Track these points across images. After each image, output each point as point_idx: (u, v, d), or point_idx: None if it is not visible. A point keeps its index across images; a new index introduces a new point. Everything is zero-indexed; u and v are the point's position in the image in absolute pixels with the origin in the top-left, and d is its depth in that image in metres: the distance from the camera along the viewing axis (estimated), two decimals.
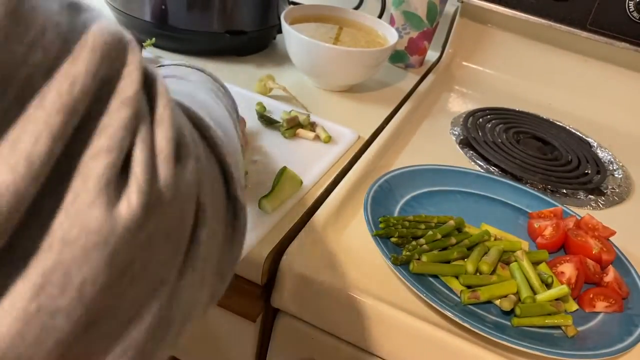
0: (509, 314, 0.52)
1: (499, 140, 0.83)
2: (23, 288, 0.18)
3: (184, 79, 0.37)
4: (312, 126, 0.73)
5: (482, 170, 0.75)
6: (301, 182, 0.62)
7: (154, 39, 0.82)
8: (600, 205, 0.74)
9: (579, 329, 0.52)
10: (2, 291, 0.18)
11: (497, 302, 0.53)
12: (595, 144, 0.90)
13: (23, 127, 0.18)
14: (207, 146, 0.26)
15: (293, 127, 0.72)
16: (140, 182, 0.20)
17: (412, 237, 0.57)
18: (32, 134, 0.18)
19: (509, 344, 0.48)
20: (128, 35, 0.23)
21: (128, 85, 0.21)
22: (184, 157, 0.23)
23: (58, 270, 0.18)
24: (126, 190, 0.20)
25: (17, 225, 0.18)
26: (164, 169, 0.21)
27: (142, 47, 0.81)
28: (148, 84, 0.23)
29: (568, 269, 0.57)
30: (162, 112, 0.22)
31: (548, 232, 0.62)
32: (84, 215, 0.18)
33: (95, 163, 0.19)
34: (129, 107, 0.20)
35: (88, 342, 0.20)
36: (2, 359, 0.18)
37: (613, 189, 0.78)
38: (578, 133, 0.92)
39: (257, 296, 0.56)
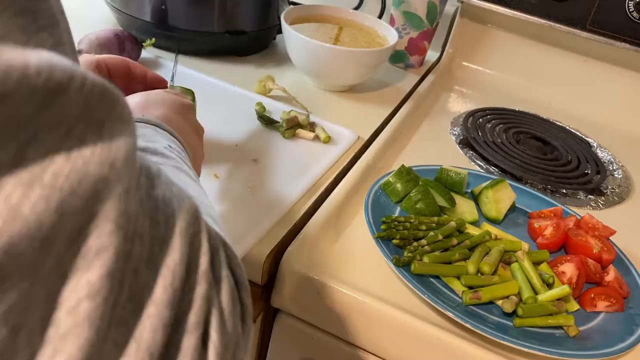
0: (511, 314, 0.52)
1: (499, 140, 0.83)
2: None
3: (155, 152, 0.37)
4: (311, 126, 0.73)
5: (482, 170, 0.75)
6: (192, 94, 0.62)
7: (154, 39, 0.82)
8: (600, 205, 0.74)
9: (581, 328, 0.52)
10: None
11: (499, 302, 0.53)
12: (595, 144, 0.90)
13: (143, 325, 0.20)
14: (227, 259, 0.29)
15: (292, 127, 0.72)
16: (217, 347, 0.23)
17: (414, 239, 0.57)
18: (150, 329, 0.20)
19: (510, 345, 0.47)
20: (192, 200, 0.25)
21: (204, 255, 0.24)
22: (235, 300, 0.26)
23: None
24: (208, 355, 0.23)
25: None
26: (229, 326, 0.25)
27: (142, 47, 0.81)
28: (212, 246, 0.25)
29: (569, 269, 0.57)
30: (222, 272, 0.25)
31: (548, 232, 0.62)
32: None
33: (189, 339, 0.22)
34: (206, 281, 0.23)
35: None
36: None
37: (613, 189, 0.78)
38: (578, 133, 0.92)
39: (257, 296, 0.55)
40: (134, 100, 0.45)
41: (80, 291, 0.18)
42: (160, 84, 0.57)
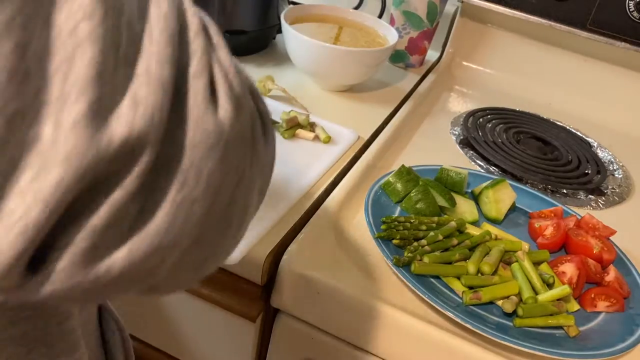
0: (511, 314, 0.52)
1: (499, 140, 0.83)
2: (171, 185, 0.22)
3: None
4: (311, 126, 0.73)
5: (482, 170, 0.75)
6: None
7: None
8: (601, 205, 0.74)
9: (581, 328, 0.52)
10: (155, 187, 0.22)
11: (499, 303, 0.52)
12: (595, 144, 0.90)
13: (149, 59, 0.22)
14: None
15: (292, 127, 0.72)
16: (226, 91, 0.25)
17: (414, 239, 0.57)
18: (157, 62, 0.22)
19: (511, 345, 0.47)
20: None
21: (193, 16, 0.25)
22: (238, 70, 0.27)
23: (192, 167, 0.23)
24: (219, 100, 0.24)
25: (161, 137, 0.22)
26: (234, 80, 0.26)
27: None
28: (200, 15, 0.27)
29: (569, 269, 0.57)
30: (217, 38, 0.27)
31: (549, 232, 0.62)
32: (201, 123, 0.23)
33: (197, 83, 0.23)
34: (201, 36, 0.25)
35: (209, 225, 0.25)
36: (160, 244, 0.22)
37: (613, 188, 0.78)
38: (578, 133, 0.92)
39: (257, 296, 0.55)
40: None
41: (75, 15, 0.19)
42: None
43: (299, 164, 0.67)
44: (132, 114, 0.20)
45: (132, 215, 0.22)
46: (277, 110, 0.76)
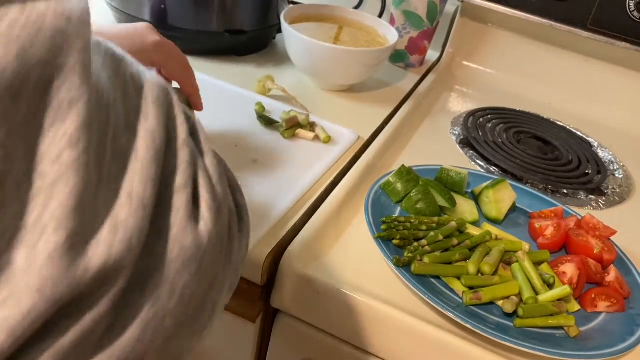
0: (511, 314, 0.52)
1: (500, 140, 0.83)
2: (143, 301, 0.22)
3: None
4: (311, 126, 0.73)
5: (482, 170, 0.75)
6: None
7: None
8: (601, 205, 0.74)
9: (581, 329, 0.52)
10: (126, 304, 0.21)
11: (500, 303, 0.52)
12: (595, 144, 0.90)
13: (131, 179, 0.22)
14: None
15: (292, 127, 0.72)
16: (209, 204, 0.25)
17: (414, 239, 0.57)
18: (139, 183, 0.22)
19: (511, 345, 0.47)
20: (162, 79, 0.26)
21: (181, 127, 0.25)
22: (222, 173, 0.27)
23: (167, 282, 0.23)
24: (201, 212, 0.24)
25: (138, 257, 0.22)
26: (218, 188, 0.26)
27: None
28: (188, 120, 0.27)
29: (570, 269, 0.57)
30: (205, 145, 0.27)
31: (549, 232, 0.62)
32: (180, 239, 0.23)
33: (179, 198, 0.24)
34: (187, 147, 0.25)
35: (176, 334, 0.24)
36: (126, 359, 0.22)
37: (614, 189, 0.78)
38: (578, 133, 0.92)
39: (257, 296, 0.55)
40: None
41: (60, 142, 0.19)
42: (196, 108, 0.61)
43: (299, 164, 0.67)
44: (111, 239, 0.20)
45: (100, 332, 0.21)
46: (277, 110, 0.76)
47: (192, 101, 0.61)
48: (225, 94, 0.79)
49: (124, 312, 0.21)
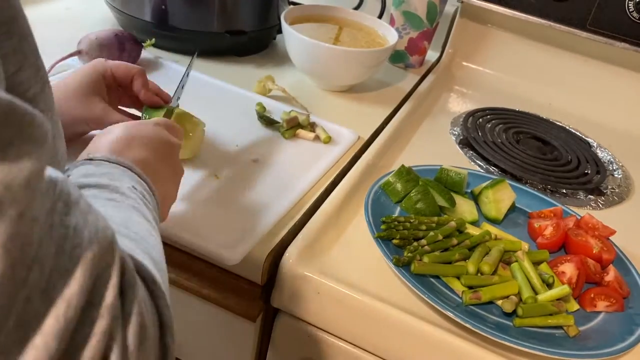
0: (511, 314, 0.52)
1: (499, 140, 0.83)
2: None
3: (116, 190, 0.38)
4: (311, 126, 0.73)
5: (481, 170, 0.75)
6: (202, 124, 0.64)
7: (154, 39, 0.82)
8: (600, 205, 0.74)
9: (581, 328, 0.52)
10: None
11: (499, 302, 0.53)
12: (595, 144, 0.90)
13: (27, 354, 0.20)
14: (151, 298, 0.29)
15: (293, 127, 0.72)
16: None
17: (414, 238, 0.57)
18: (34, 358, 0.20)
19: (510, 344, 0.47)
20: (109, 233, 0.25)
21: (110, 291, 0.23)
22: (145, 339, 0.26)
23: None
24: None
25: None
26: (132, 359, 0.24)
27: (142, 47, 0.81)
28: (123, 276, 0.25)
29: (569, 269, 0.57)
30: (133, 307, 0.25)
31: (548, 231, 0.62)
32: None
33: None
34: (110, 314, 0.23)
35: None
36: None
37: (613, 188, 0.78)
38: (578, 133, 0.92)
39: (257, 296, 0.55)
40: (118, 132, 0.44)
41: None
42: (151, 104, 0.59)
43: (299, 164, 0.67)
44: None
45: None
46: (277, 110, 0.76)
47: (143, 95, 0.59)
48: (226, 94, 0.79)
49: None
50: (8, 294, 0.19)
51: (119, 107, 0.61)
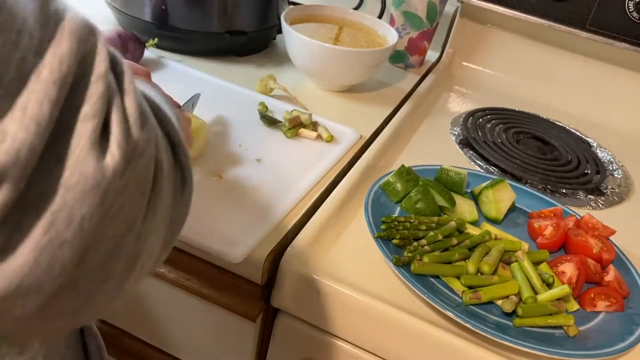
0: (511, 314, 0.52)
1: (499, 140, 0.83)
2: (37, 225, 0.22)
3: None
4: (314, 126, 0.73)
5: (481, 170, 0.75)
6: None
7: (156, 39, 0.82)
8: (600, 205, 0.74)
9: (580, 328, 0.52)
10: (20, 226, 0.22)
11: (499, 302, 0.53)
12: (595, 144, 0.90)
13: (28, 97, 0.21)
14: (157, 120, 0.31)
15: (295, 126, 0.72)
16: (118, 139, 0.24)
17: (414, 238, 0.57)
18: (36, 101, 0.22)
19: (510, 344, 0.48)
20: (91, 22, 0.26)
21: (100, 62, 0.25)
22: (146, 122, 0.27)
23: (64, 210, 0.23)
24: (109, 146, 0.24)
25: (31, 173, 0.22)
26: (134, 129, 0.25)
27: (144, 47, 0.81)
28: (114, 62, 0.27)
29: (569, 269, 0.57)
30: (128, 85, 0.26)
31: (548, 231, 0.62)
32: (80, 166, 0.23)
33: (84, 126, 0.23)
34: (103, 82, 0.24)
35: (82, 271, 0.24)
36: (21, 283, 0.22)
37: (613, 188, 0.79)
38: (578, 133, 0.92)
39: (257, 296, 0.56)
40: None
41: None
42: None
43: (302, 163, 0.67)
44: None
45: None
46: (279, 109, 0.76)
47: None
48: (228, 93, 0.79)
49: (16, 232, 0.22)
50: (5, 56, 0.21)
51: None
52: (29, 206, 0.22)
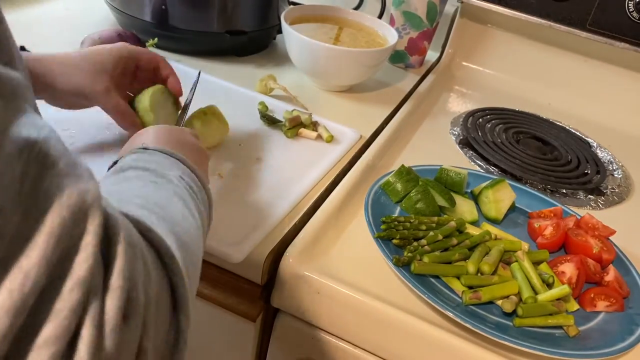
0: (511, 314, 0.52)
1: (499, 140, 0.83)
2: None
3: (162, 176, 0.38)
4: (314, 126, 0.73)
5: (481, 170, 0.75)
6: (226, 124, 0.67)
7: (156, 39, 0.82)
8: (600, 205, 0.74)
9: (580, 328, 0.52)
10: None
11: (499, 302, 0.53)
12: (595, 144, 0.90)
13: None
14: (166, 273, 0.28)
15: (295, 126, 0.72)
16: (84, 358, 0.20)
17: (414, 238, 0.57)
18: None
19: (510, 344, 0.47)
20: (93, 187, 0.22)
21: (83, 261, 0.21)
22: (132, 314, 0.23)
23: None
24: None
25: None
26: (110, 340, 0.22)
27: (144, 46, 0.81)
28: (109, 236, 0.23)
29: (569, 269, 0.57)
30: (116, 279, 0.23)
31: (548, 231, 0.62)
32: None
33: (38, 356, 0.19)
34: (81, 289, 0.21)
35: None
36: None
37: (613, 188, 0.79)
38: (578, 133, 0.92)
39: (257, 296, 0.56)
40: (160, 131, 0.47)
41: None
42: (175, 92, 0.63)
43: (302, 163, 0.67)
44: None
45: None
46: (279, 109, 0.76)
47: (171, 80, 0.62)
48: (228, 93, 0.79)
49: None
50: None
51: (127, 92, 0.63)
52: None
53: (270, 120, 0.72)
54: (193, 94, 0.66)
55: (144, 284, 0.25)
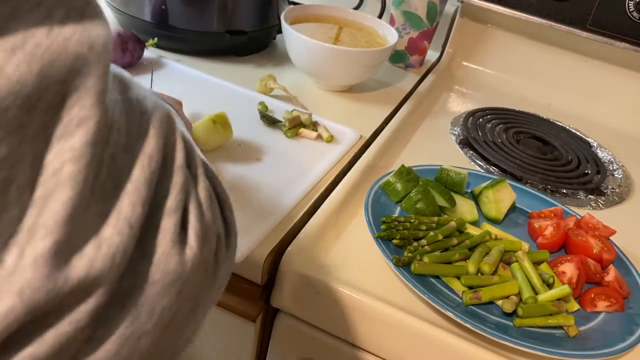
0: (511, 314, 0.52)
1: (499, 140, 0.83)
2: (122, 319, 0.22)
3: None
4: (314, 126, 0.73)
5: (481, 170, 0.75)
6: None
7: (156, 39, 0.82)
8: (600, 205, 0.74)
9: (581, 328, 0.52)
10: (105, 322, 0.22)
11: (499, 302, 0.53)
12: (595, 144, 0.90)
13: (122, 199, 0.22)
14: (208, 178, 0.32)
15: (295, 126, 0.72)
16: (196, 229, 0.25)
17: (414, 238, 0.57)
18: (129, 203, 0.22)
19: (510, 345, 0.47)
20: (167, 105, 0.27)
21: (179, 152, 0.26)
22: (212, 202, 0.28)
23: (146, 303, 0.23)
24: (188, 239, 0.25)
25: (120, 275, 0.22)
26: (207, 215, 0.27)
27: (144, 46, 0.81)
28: (187, 147, 0.28)
29: (569, 269, 0.57)
30: (198, 171, 0.28)
31: (548, 232, 0.62)
32: (164, 262, 0.24)
33: (169, 221, 0.24)
34: (182, 173, 0.26)
35: (154, 354, 0.25)
36: None
37: (613, 188, 0.78)
38: (578, 133, 0.92)
39: (257, 296, 0.55)
40: None
41: (64, 155, 0.20)
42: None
43: (302, 163, 0.67)
44: (94, 254, 0.21)
45: (76, 346, 0.21)
46: (279, 109, 0.76)
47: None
48: (228, 93, 0.79)
49: (102, 327, 0.22)
50: (103, 139, 0.21)
51: None
52: (116, 301, 0.22)
53: (270, 120, 0.72)
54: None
55: (212, 179, 0.30)
